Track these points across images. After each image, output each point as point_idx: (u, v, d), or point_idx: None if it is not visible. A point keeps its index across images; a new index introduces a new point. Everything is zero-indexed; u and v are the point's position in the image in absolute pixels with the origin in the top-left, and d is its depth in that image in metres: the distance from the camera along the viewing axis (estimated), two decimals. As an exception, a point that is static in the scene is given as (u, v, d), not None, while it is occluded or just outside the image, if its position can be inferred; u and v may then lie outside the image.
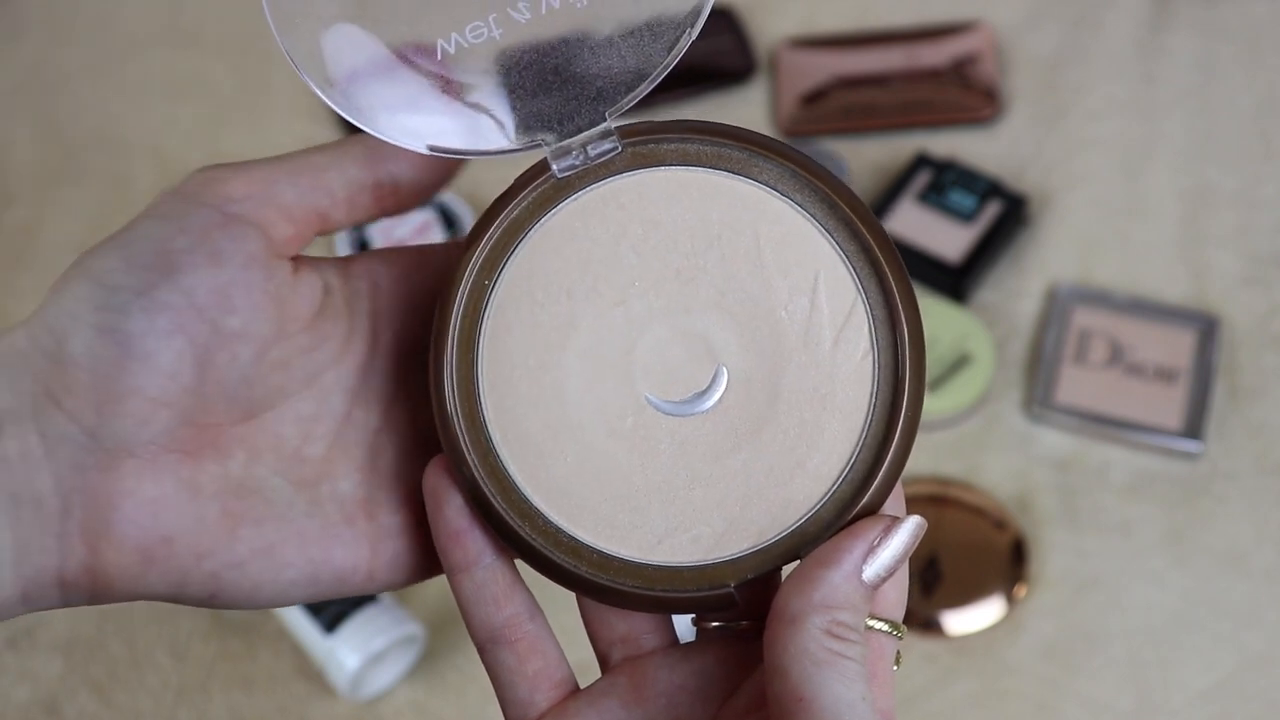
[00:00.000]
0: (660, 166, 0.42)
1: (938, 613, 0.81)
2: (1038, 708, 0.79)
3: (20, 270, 0.98)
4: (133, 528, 0.38)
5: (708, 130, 0.42)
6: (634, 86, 0.42)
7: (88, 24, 1.10)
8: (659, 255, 0.41)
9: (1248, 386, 0.89)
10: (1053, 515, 0.85)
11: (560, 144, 0.41)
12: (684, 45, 0.41)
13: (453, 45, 0.41)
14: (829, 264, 0.41)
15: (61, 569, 0.38)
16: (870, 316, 0.41)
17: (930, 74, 1.03)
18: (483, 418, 0.41)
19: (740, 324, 0.41)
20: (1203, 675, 0.79)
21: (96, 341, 0.38)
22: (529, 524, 0.40)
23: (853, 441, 0.41)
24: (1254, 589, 0.82)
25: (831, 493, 0.40)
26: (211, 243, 0.39)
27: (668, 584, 0.40)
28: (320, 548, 0.40)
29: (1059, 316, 0.91)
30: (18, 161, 1.03)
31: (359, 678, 0.79)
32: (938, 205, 0.95)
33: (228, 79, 1.06)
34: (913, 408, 0.41)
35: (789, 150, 0.42)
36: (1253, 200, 0.97)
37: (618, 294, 0.41)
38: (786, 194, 0.42)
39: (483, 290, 0.41)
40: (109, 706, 0.80)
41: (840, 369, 0.41)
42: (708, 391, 0.41)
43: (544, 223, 0.42)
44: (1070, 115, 1.01)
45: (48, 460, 0.38)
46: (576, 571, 0.40)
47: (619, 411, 0.41)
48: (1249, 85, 1.02)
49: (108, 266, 0.39)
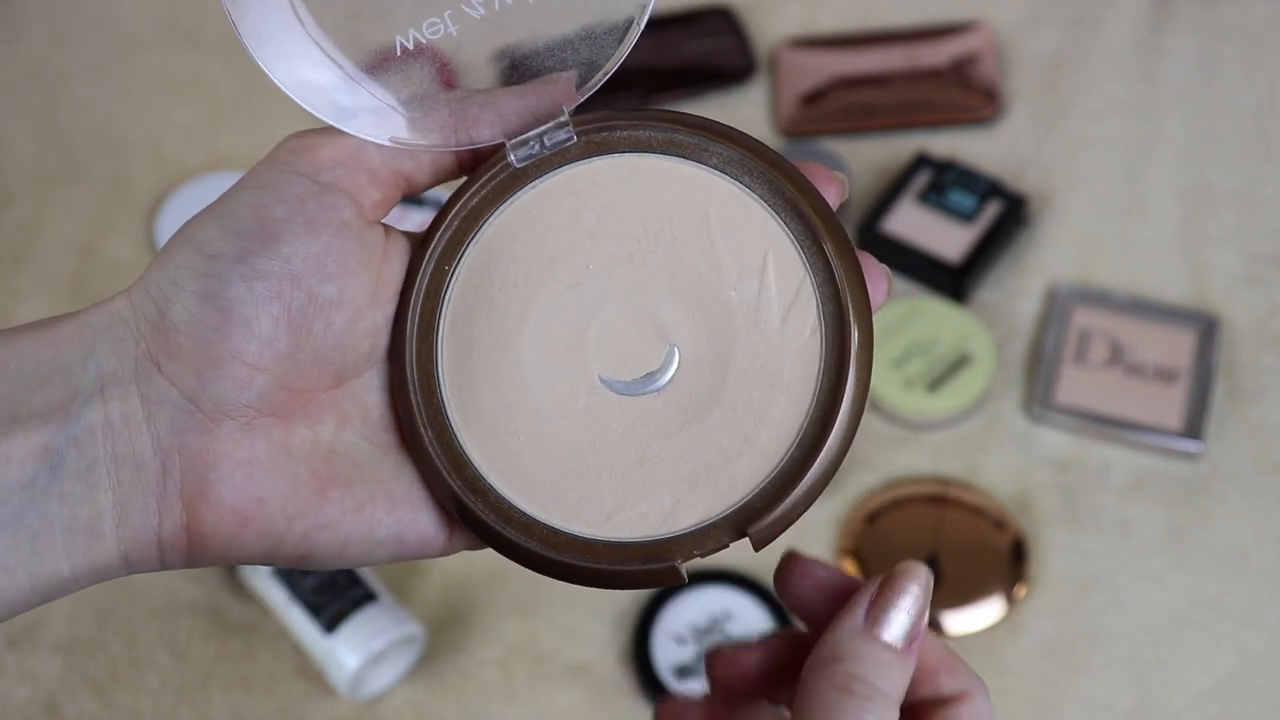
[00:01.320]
0: (614, 154, 0.43)
1: (937, 612, 0.81)
2: (1038, 708, 0.79)
3: (20, 270, 0.98)
4: (228, 489, 0.39)
5: (658, 117, 0.43)
6: (588, 79, 0.43)
7: (87, 24, 1.10)
8: (612, 239, 0.43)
9: (1248, 386, 0.89)
10: (1053, 515, 0.85)
11: (518, 136, 0.43)
12: (634, 37, 0.42)
13: (410, 41, 0.42)
14: (777, 244, 0.42)
15: (160, 530, 0.39)
16: (817, 294, 0.42)
17: (930, 74, 1.03)
18: (441, 397, 0.42)
19: (691, 305, 0.42)
20: (1203, 675, 0.79)
21: (198, 307, 0.39)
22: (482, 500, 0.41)
23: (799, 418, 0.42)
24: (1254, 589, 0.82)
25: (777, 469, 0.41)
26: (307, 211, 0.40)
27: (614, 559, 0.41)
28: (407, 509, 0.41)
29: (1059, 316, 0.91)
30: (18, 161, 1.03)
31: (359, 678, 0.79)
32: (938, 205, 0.95)
33: (227, 79, 1.06)
34: (859, 382, 0.41)
35: (737, 134, 0.43)
36: (1253, 200, 0.97)
37: (572, 277, 0.43)
38: (735, 176, 0.43)
39: (443, 275, 0.42)
40: (109, 706, 0.80)
41: (788, 346, 0.42)
42: (659, 371, 0.42)
43: (502, 210, 0.43)
44: (1070, 115, 1.01)
45: (148, 423, 0.39)
46: (526, 546, 0.41)
47: (572, 391, 0.42)
48: (1249, 85, 1.02)
49: (208, 235, 0.40)
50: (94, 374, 0.39)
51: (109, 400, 0.39)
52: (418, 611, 0.82)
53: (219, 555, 0.40)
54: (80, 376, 0.39)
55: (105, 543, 0.39)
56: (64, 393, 0.39)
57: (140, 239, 0.99)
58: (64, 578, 0.39)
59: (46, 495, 0.38)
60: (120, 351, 0.39)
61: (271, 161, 0.41)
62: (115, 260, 0.98)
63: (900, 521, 0.84)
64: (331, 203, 0.40)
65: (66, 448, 0.38)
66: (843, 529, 0.84)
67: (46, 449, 0.38)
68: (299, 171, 0.41)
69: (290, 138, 0.42)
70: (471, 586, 0.84)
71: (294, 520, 0.40)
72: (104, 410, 0.39)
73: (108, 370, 0.39)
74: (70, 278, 0.97)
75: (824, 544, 0.84)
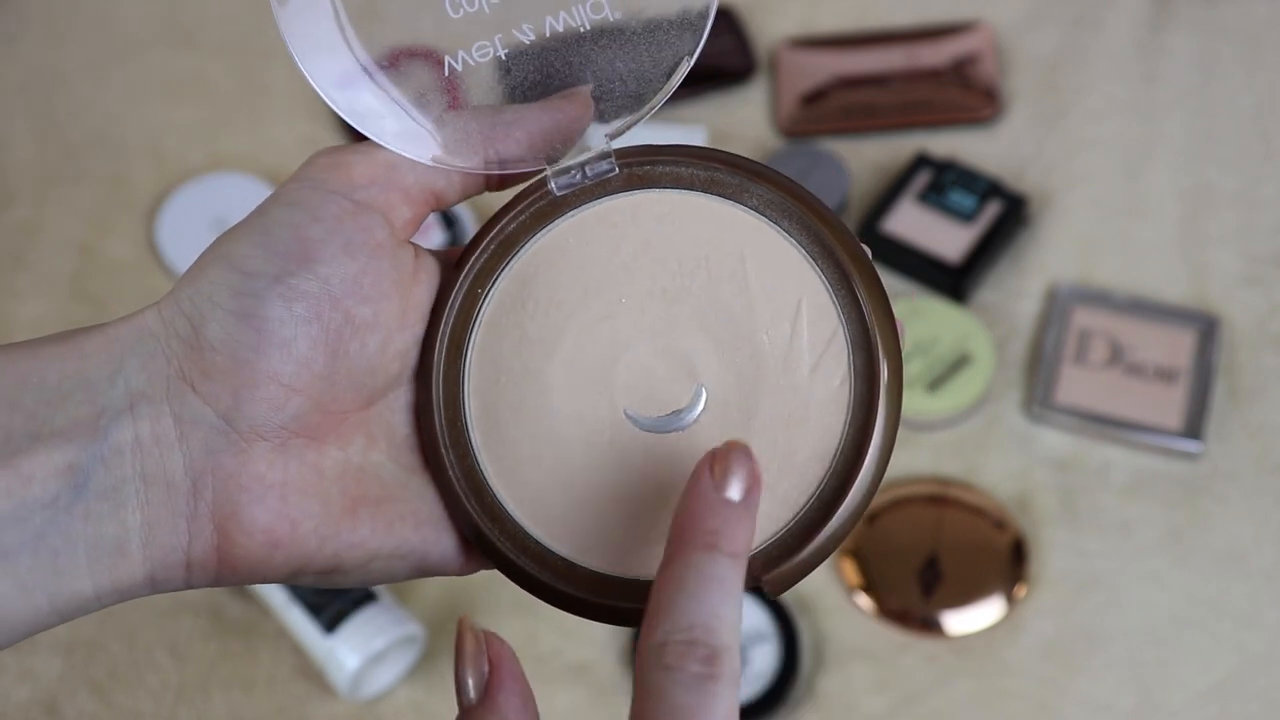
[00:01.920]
0: (654, 188, 0.43)
1: (938, 613, 0.81)
2: (1038, 708, 0.79)
3: (20, 270, 0.98)
4: (262, 510, 0.39)
5: (701, 155, 0.43)
6: (633, 110, 0.43)
7: (87, 24, 1.10)
8: (647, 274, 0.42)
9: (1248, 386, 0.89)
10: (1053, 515, 0.85)
11: (560, 164, 0.42)
12: (683, 71, 0.42)
13: (459, 63, 0.42)
14: (812, 291, 0.42)
15: (190, 550, 0.39)
16: (849, 346, 0.42)
17: (930, 74, 1.03)
18: (465, 420, 0.42)
19: (722, 346, 0.42)
20: (1203, 675, 0.79)
21: (235, 326, 0.39)
22: (499, 527, 0.41)
23: (822, 468, 0.41)
24: (1254, 589, 0.82)
25: (796, 518, 0.41)
26: (344, 231, 0.39)
27: (625, 597, 0.41)
28: (432, 528, 0.41)
29: (1059, 316, 0.91)
30: (17, 161, 1.03)
31: (359, 678, 0.79)
32: (938, 205, 0.95)
33: (227, 79, 1.06)
34: (885, 438, 0.41)
35: (779, 177, 0.43)
36: (1253, 200, 0.97)
37: (605, 309, 0.42)
38: (775, 220, 0.42)
39: (475, 298, 0.42)
40: (109, 706, 0.80)
41: (816, 395, 0.41)
42: (686, 410, 0.42)
43: (539, 237, 0.43)
44: (1070, 115, 1.01)
45: (180, 443, 0.38)
46: (539, 578, 0.41)
47: (597, 424, 0.42)
48: (1249, 85, 1.02)
49: (245, 252, 0.39)
50: (123, 391, 0.38)
51: (139, 419, 0.38)
52: (418, 611, 0.82)
53: (247, 576, 0.40)
54: (108, 393, 0.38)
55: (131, 562, 0.38)
56: (90, 410, 0.38)
57: (140, 239, 0.99)
58: (85, 597, 0.38)
59: (70, 515, 0.37)
60: (151, 369, 0.39)
61: (305, 179, 0.41)
62: (115, 260, 0.98)
63: (900, 521, 0.84)
64: (367, 223, 0.40)
65: (93, 466, 0.38)
66: (843, 529, 0.84)
67: (71, 468, 0.38)
68: (334, 190, 0.40)
69: (322, 154, 0.41)
70: (471, 586, 0.84)
71: (325, 541, 0.40)
72: (134, 429, 0.38)
73: (137, 388, 0.38)
74: (70, 278, 0.97)
75: (824, 544, 0.84)
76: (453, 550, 0.42)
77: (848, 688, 0.80)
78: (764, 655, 0.80)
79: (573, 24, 0.42)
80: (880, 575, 0.82)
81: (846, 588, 0.83)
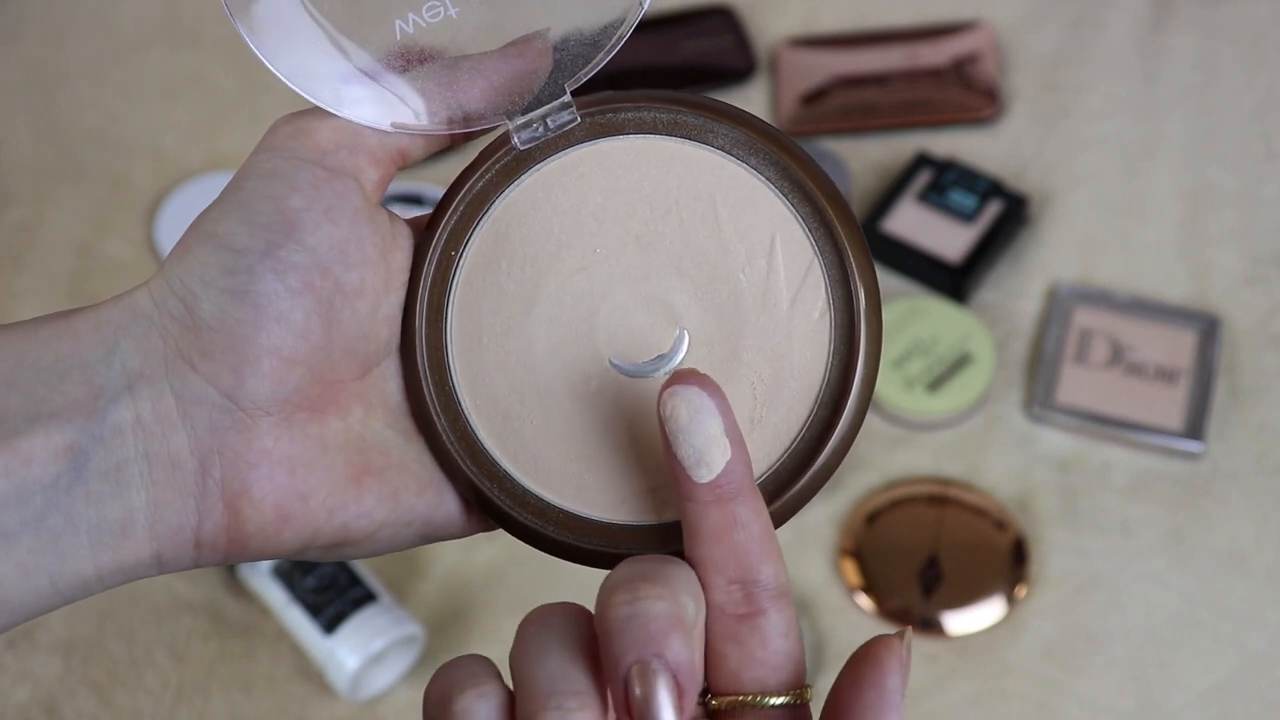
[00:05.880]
0: (619, 135, 0.43)
1: (938, 613, 0.81)
2: (1038, 708, 0.79)
3: (20, 270, 0.98)
4: (271, 486, 0.39)
5: (663, 99, 0.43)
6: (590, 58, 0.43)
7: (87, 24, 1.10)
8: (619, 222, 0.42)
9: (1248, 386, 0.89)
10: (1053, 515, 0.85)
11: (521, 118, 0.42)
12: (636, 18, 0.42)
13: (410, 25, 0.42)
14: (785, 226, 0.42)
15: (199, 529, 0.39)
16: (826, 277, 0.42)
17: (930, 74, 1.03)
18: (452, 383, 0.42)
19: (699, 287, 0.42)
20: (1203, 676, 0.79)
21: (230, 304, 0.38)
22: (497, 486, 0.41)
23: (810, 399, 0.42)
24: (1255, 589, 0.82)
25: (790, 450, 0.41)
26: (323, 199, 0.39)
27: (632, 543, 0.41)
28: (434, 491, 0.41)
29: (1060, 316, 0.91)
30: (17, 161, 1.03)
31: (359, 678, 0.79)
32: (938, 205, 0.95)
33: (227, 78, 1.06)
34: (868, 365, 0.41)
35: (743, 115, 0.43)
36: (1253, 200, 0.96)
37: (580, 261, 0.42)
38: (742, 158, 0.42)
39: (450, 261, 0.42)
40: (108, 707, 0.80)
41: (797, 329, 0.42)
42: (670, 354, 0.42)
43: (508, 194, 0.43)
44: (1071, 115, 1.01)
45: (183, 422, 0.38)
46: (543, 531, 0.41)
47: (583, 375, 0.42)
48: (1250, 85, 1.02)
49: (229, 229, 0.39)
50: (120, 371, 0.38)
51: (139, 399, 0.38)
52: (417, 611, 0.82)
53: (257, 553, 0.40)
54: (104, 374, 0.38)
55: (136, 542, 0.38)
56: (87, 390, 0.38)
57: (139, 239, 0.99)
58: (87, 578, 0.38)
59: (70, 496, 0.37)
60: (147, 349, 0.38)
61: (273, 149, 0.40)
62: (115, 260, 0.98)
63: (900, 521, 0.84)
64: (342, 188, 0.40)
65: (92, 447, 0.38)
66: (843, 529, 0.84)
67: (70, 448, 0.37)
68: (304, 158, 0.40)
69: (282, 122, 0.41)
70: (471, 586, 0.84)
71: (334, 512, 0.40)
72: (134, 409, 0.38)
73: (135, 368, 0.38)
74: (69, 277, 0.97)
75: (824, 544, 0.84)
76: (456, 512, 0.42)
77: (848, 688, 0.80)
78: (764, 655, 0.80)
79: None
80: (880, 575, 0.82)
81: (846, 588, 0.83)
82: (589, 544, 0.41)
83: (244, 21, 0.41)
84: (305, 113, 0.41)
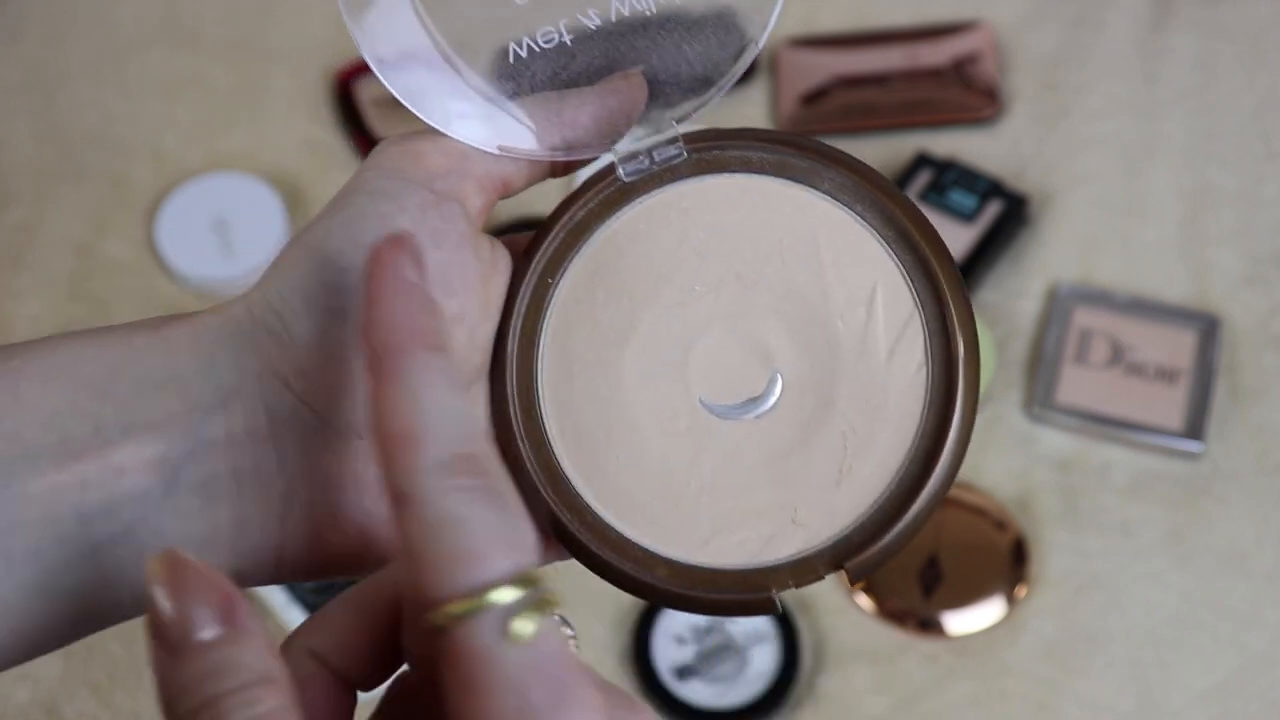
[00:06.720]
0: (724, 173, 0.42)
1: (938, 613, 0.81)
2: (1038, 708, 0.79)
3: (20, 270, 0.98)
4: (358, 510, 0.38)
5: (769, 139, 0.42)
6: (700, 94, 0.42)
7: (86, 23, 1.10)
8: (720, 260, 0.42)
9: (1249, 386, 0.89)
10: (1053, 515, 0.85)
11: (627, 149, 0.42)
12: (750, 56, 0.42)
13: (524, 49, 0.41)
14: (887, 276, 0.41)
15: (281, 549, 0.38)
16: (926, 330, 0.41)
17: (930, 74, 1.03)
18: (540, 411, 0.41)
19: (797, 331, 0.41)
20: (1203, 676, 0.79)
21: (329, 324, 0.38)
22: (577, 518, 0.41)
23: (902, 453, 0.41)
24: (1255, 589, 0.82)
25: (878, 503, 0.41)
26: (429, 222, 0.38)
27: (710, 586, 0.40)
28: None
29: (1060, 316, 0.91)
30: (17, 161, 1.03)
31: (359, 678, 0.79)
32: (938, 205, 0.95)
33: (227, 78, 1.06)
34: (964, 422, 0.41)
35: (852, 160, 0.42)
36: (1254, 200, 0.96)
37: (678, 296, 0.42)
38: (847, 204, 0.42)
39: (546, 288, 0.42)
40: (108, 708, 0.80)
41: (894, 381, 0.41)
42: (762, 397, 0.41)
43: (608, 225, 0.42)
44: (1071, 115, 1.01)
45: (273, 440, 0.38)
46: (620, 567, 0.40)
47: (673, 412, 0.41)
48: (1250, 85, 1.02)
49: (335, 246, 0.38)
50: (215, 386, 0.37)
51: (231, 414, 0.37)
52: (417, 612, 0.82)
53: (338, 573, 0.39)
54: (200, 388, 0.37)
55: (218, 558, 0.37)
56: (182, 404, 0.37)
57: (140, 239, 0.99)
58: None
59: (160, 511, 0.37)
60: (241, 364, 0.38)
61: (381, 168, 0.39)
62: (115, 260, 0.98)
63: (901, 522, 0.84)
64: (449, 213, 0.39)
65: (184, 462, 0.37)
66: (843, 529, 0.84)
67: (163, 462, 0.37)
68: (413, 180, 0.39)
69: (392, 143, 0.40)
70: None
71: None
72: (226, 424, 0.37)
73: (230, 384, 0.37)
74: (70, 277, 0.97)
75: (824, 544, 0.84)
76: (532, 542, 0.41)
77: (848, 688, 0.80)
78: (764, 655, 0.80)
79: (639, 8, 0.41)
80: (880, 575, 0.82)
81: (847, 588, 0.83)
82: (665, 584, 0.40)
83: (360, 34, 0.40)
84: (414, 134, 0.40)
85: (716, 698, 0.79)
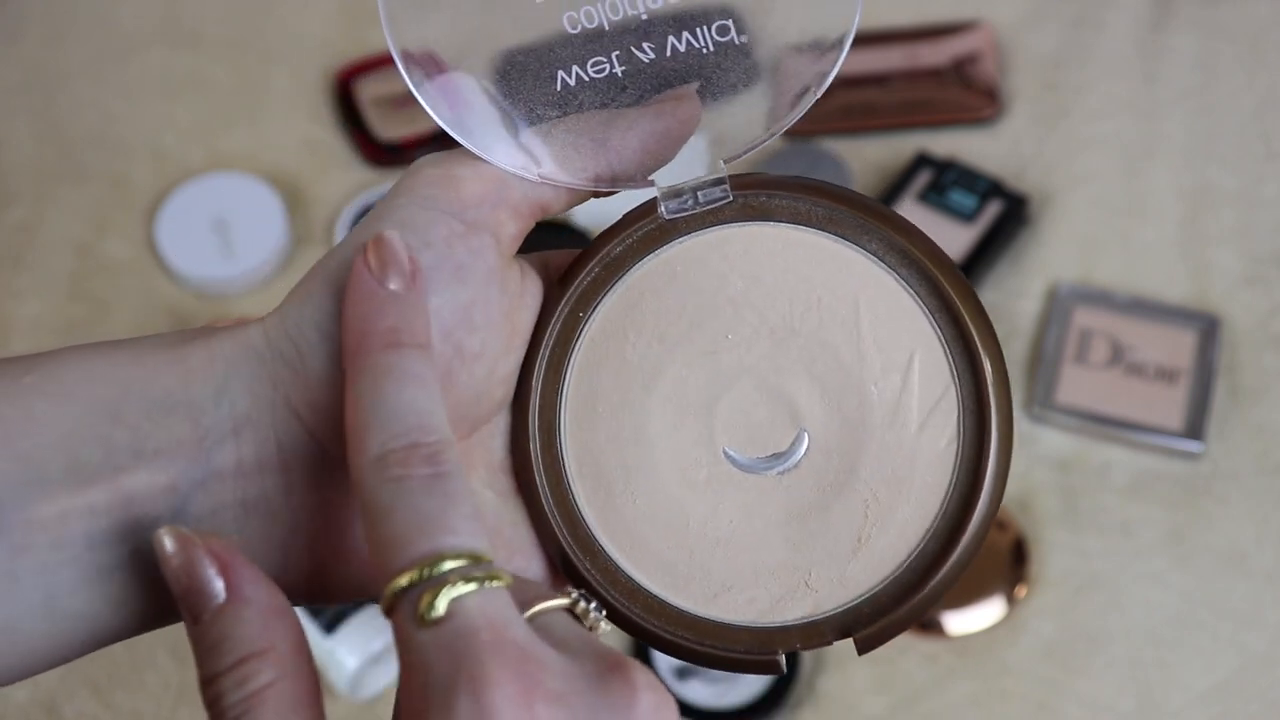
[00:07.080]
0: (769, 221, 0.41)
1: (938, 613, 0.81)
2: (1038, 708, 0.79)
3: (20, 270, 0.98)
4: (361, 543, 0.38)
5: (820, 191, 0.41)
6: (751, 136, 0.41)
7: (86, 23, 1.10)
8: (756, 311, 0.41)
9: (1249, 386, 0.89)
10: (1054, 515, 0.85)
11: (671, 186, 0.40)
12: (808, 103, 0.40)
13: (573, 77, 0.40)
14: (926, 345, 0.41)
15: (282, 578, 0.37)
16: (960, 407, 0.40)
17: (930, 73, 1.03)
18: (560, 447, 0.40)
19: (828, 392, 0.40)
20: (1203, 676, 0.79)
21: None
22: (590, 559, 0.40)
23: (922, 530, 0.40)
24: (1255, 589, 0.82)
25: (893, 576, 0.40)
26: (455, 257, 0.37)
27: (717, 640, 0.40)
28: (523, 557, 0.40)
29: (1060, 316, 0.91)
30: (17, 161, 1.03)
31: (359, 678, 0.79)
32: (938, 205, 0.95)
33: (227, 78, 1.06)
34: (989, 504, 0.40)
35: (902, 221, 0.41)
36: (1254, 200, 0.96)
37: (709, 344, 0.41)
38: (893, 267, 0.41)
39: (577, 322, 0.41)
40: (108, 707, 0.80)
41: (922, 454, 0.40)
42: (786, 454, 0.40)
43: (645, 263, 0.41)
44: (1071, 115, 1.01)
45: (283, 472, 0.37)
46: (628, 613, 0.40)
47: (695, 461, 0.40)
48: (1250, 85, 1.02)
49: None
50: (227, 414, 0.37)
51: (243, 443, 0.37)
52: (417, 612, 0.82)
53: (337, 600, 0.39)
54: (212, 414, 0.37)
55: None
56: (193, 430, 0.37)
57: (139, 239, 0.99)
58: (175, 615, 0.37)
59: None
60: (255, 392, 0.37)
61: (412, 194, 0.38)
62: (115, 260, 0.98)
63: (901, 522, 0.84)
64: (478, 245, 0.38)
65: (192, 491, 0.36)
66: (843, 529, 0.84)
67: (172, 489, 0.36)
68: (444, 209, 0.38)
69: (428, 164, 0.39)
70: (471, 587, 0.84)
71: None
72: (237, 454, 0.37)
73: (242, 411, 0.37)
74: (69, 277, 0.97)
75: (824, 544, 0.84)
76: (541, 578, 0.40)
77: (848, 688, 0.80)
78: (764, 655, 0.80)
79: (696, 45, 0.40)
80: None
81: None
82: (674, 634, 0.40)
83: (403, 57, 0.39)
84: (452, 157, 0.39)
85: (716, 698, 0.79)
